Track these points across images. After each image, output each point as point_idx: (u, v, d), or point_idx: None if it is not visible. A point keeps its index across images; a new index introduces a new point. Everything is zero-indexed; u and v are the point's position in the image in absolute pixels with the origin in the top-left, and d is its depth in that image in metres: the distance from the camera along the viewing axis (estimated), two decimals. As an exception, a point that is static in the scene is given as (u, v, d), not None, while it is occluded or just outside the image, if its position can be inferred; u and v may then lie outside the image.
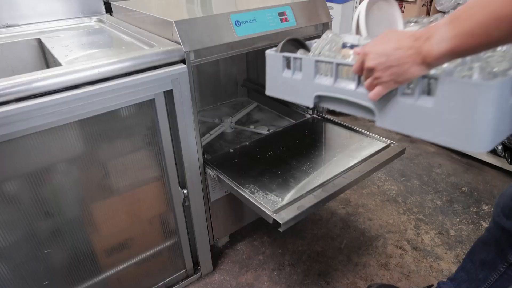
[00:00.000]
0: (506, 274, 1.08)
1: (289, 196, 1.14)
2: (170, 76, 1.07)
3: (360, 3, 2.47)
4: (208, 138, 1.64)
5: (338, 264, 1.57)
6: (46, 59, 1.43)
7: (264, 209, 1.09)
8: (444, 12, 2.29)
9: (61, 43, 1.28)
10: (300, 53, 0.93)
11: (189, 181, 1.26)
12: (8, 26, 1.49)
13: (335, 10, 2.45)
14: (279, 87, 1.00)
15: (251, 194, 1.16)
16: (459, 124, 0.64)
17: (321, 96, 0.90)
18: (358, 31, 1.09)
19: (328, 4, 1.49)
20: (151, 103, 1.08)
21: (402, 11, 2.31)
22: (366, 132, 1.47)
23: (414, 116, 0.70)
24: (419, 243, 1.66)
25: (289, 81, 0.96)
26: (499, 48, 0.72)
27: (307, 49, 1.06)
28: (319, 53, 0.94)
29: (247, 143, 1.46)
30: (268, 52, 1.01)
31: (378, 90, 0.69)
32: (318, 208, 1.80)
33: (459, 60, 0.69)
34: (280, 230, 1.04)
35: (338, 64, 0.82)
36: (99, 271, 1.21)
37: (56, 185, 1.01)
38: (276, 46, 1.06)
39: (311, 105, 0.93)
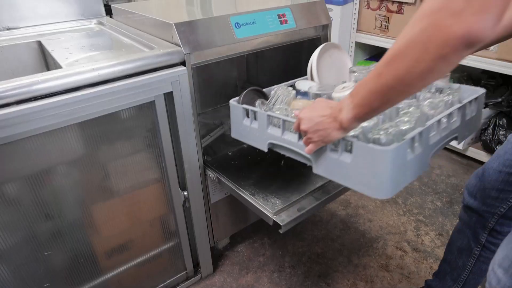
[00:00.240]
0: (482, 257, 1.10)
1: (289, 197, 1.15)
2: (170, 78, 1.07)
3: (359, 5, 2.48)
4: (208, 140, 1.64)
5: (338, 266, 1.57)
6: (47, 62, 1.43)
7: (264, 211, 1.09)
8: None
9: (62, 45, 1.28)
10: (259, 103, 1.06)
11: (189, 183, 1.26)
12: (8, 29, 1.49)
13: (335, 12, 2.46)
14: (241, 132, 1.14)
15: (251, 196, 1.16)
16: (368, 176, 0.81)
17: (273, 143, 1.03)
18: (312, 77, 1.26)
19: (328, 6, 1.49)
20: (151, 105, 1.09)
21: (402, 13, 2.32)
22: (366, 133, 1.47)
23: (339, 167, 0.86)
24: (419, 244, 1.66)
25: (248, 128, 1.09)
26: (406, 109, 0.90)
27: (266, 98, 1.18)
28: (274, 103, 1.09)
29: (246, 145, 1.46)
30: (231, 102, 1.14)
31: (311, 147, 0.86)
32: (318, 209, 1.80)
33: (375, 119, 0.86)
34: (281, 231, 1.04)
35: (284, 120, 0.97)
36: (99, 273, 1.21)
37: (57, 187, 1.01)
38: (275, 47, 1.20)
39: (265, 150, 1.06)
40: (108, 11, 1.69)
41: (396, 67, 0.58)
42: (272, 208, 1.09)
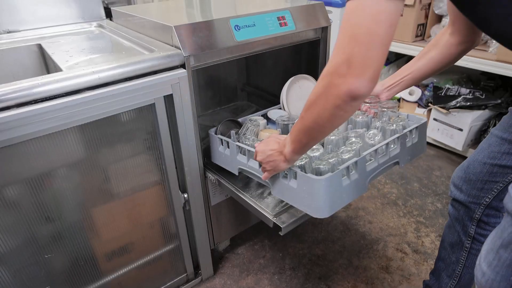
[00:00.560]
0: (473, 249, 1.12)
1: (289, 199, 1.14)
2: (170, 81, 1.08)
3: (359, 6, 2.48)
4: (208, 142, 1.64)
5: (339, 268, 1.57)
6: (47, 65, 1.44)
7: (264, 213, 1.09)
8: (441, 16, 2.30)
9: (62, 48, 1.28)
10: (233, 133, 1.20)
11: (189, 185, 1.26)
12: (8, 32, 1.49)
13: (334, 14, 2.46)
14: (218, 158, 1.30)
15: (251, 198, 1.16)
16: (309, 199, 0.96)
17: (241, 168, 1.18)
18: (283, 107, 1.46)
19: (327, 8, 1.49)
20: (151, 107, 1.09)
21: (401, 15, 2.32)
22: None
23: (288, 191, 1.01)
24: (420, 246, 1.66)
25: (223, 154, 1.25)
26: (351, 140, 1.07)
27: (240, 127, 1.35)
28: (244, 133, 1.25)
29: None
30: (210, 132, 1.32)
31: (265, 175, 1.01)
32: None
33: (321, 150, 1.03)
34: (281, 233, 1.04)
35: (248, 150, 1.13)
36: (100, 275, 1.21)
37: (57, 190, 1.01)
38: (275, 49, 1.27)
39: (236, 174, 1.21)
40: (108, 14, 1.69)
41: (311, 112, 0.75)
42: (272, 210, 1.09)
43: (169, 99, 1.11)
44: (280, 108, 1.48)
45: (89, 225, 1.12)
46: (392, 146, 1.11)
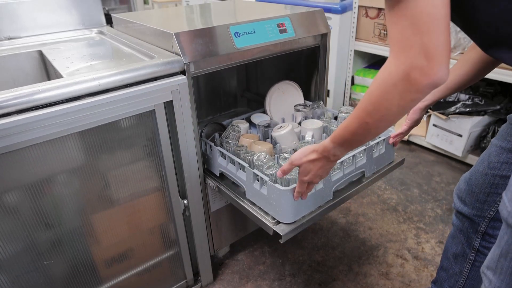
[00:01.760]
0: (477, 262, 1.10)
1: (289, 206, 1.14)
2: (170, 87, 1.08)
3: (357, 13, 2.50)
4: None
5: (339, 274, 1.56)
6: (47, 71, 1.44)
7: (264, 220, 1.09)
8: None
9: (62, 55, 1.29)
10: (216, 136, 1.29)
11: (189, 191, 1.26)
12: (9, 38, 1.50)
13: (334, 20, 2.48)
14: (205, 159, 1.36)
15: (251, 205, 1.16)
16: (276, 206, 1.06)
17: (221, 171, 1.27)
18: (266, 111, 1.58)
19: (327, 14, 1.51)
20: (151, 114, 1.09)
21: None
22: (365, 141, 1.48)
23: (260, 197, 1.11)
24: (420, 252, 1.66)
25: (206, 155, 1.33)
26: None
27: (224, 129, 1.43)
28: (227, 137, 1.31)
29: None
30: None
31: (310, 187, 0.99)
32: (319, 219, 1.80)
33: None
34: (281, 241, 1.04)
35: (227, 155, 1.21)
36: (99, 282, 1.20)
37: (57, 196, 1.01)
38: (274, 56, 1.30)
39: (217, 175, 1.29)
40: (109, 21, 1.70)
41: (377, 114, 0.71)
42: (272, 218, 1.09)
43: (169, 106, 1.11)
44: (264, 112, 1.56)
45: (88, 232, 1.11)
46: (359, 157, 1.18)
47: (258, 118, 1.51)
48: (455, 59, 2.05)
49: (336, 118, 1.46)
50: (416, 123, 1.12)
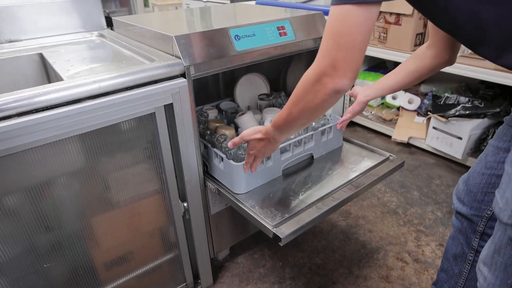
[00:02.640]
0: (476, 262, 1.11)
1: (289, 209, 1.14)
2: (171, 90, 1.08)
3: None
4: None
5: (339, 277, 1.56)
6: (48, 74, 1.44)
7: (264, 223, 1.09)
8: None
9: (63, 57, 1.29)
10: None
11: (189, 194, 1.26)
12: (10, 41, 1.50)
13: (333, 23, 2.47)
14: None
15: (251, 208, 1.16)
16: (231, 179, 1.24)
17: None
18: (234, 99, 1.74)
19: (327, 18, 1.51)
20: (151, 116, 1.09)
21: (400, 24, 2.34)
22: (365, 144, 1.48)
23: (218, 171, 1.30)
24: (420, 255, 1.66)
25: None
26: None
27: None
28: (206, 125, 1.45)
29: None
30: None
31: (258, 161, 1.18)
32: (319, 222, 1.80)
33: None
34: (281, 244, 1.04)
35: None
36: (99, 285, 1.20)
37: (57, 199, 1.01)
38: (274, 59, 1.32)
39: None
40: (109, 24, 1.70)
41: (299, 106, 0.86)
42: (272, 220, 1.09)
43: (169, 108, 1.11)
44: (233, 101, 1.73)
45: (88, 234, 1.11)
46: (307, 140, 1.37)
47: (226, 105, 1.68)
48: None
49: None
50: (357, 113, 1.30)
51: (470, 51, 1.53)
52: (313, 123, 1.38)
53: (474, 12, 0.72)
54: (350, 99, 2.84)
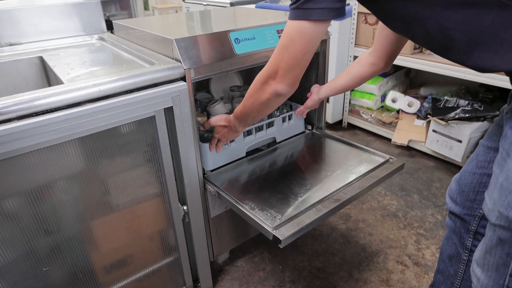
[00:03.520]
0: (470, 262, 1.11)
1: (289, 211, 1.14)
2: (171, 93, 1.08)
3: (357, 20, 2.51)
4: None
5: (339, 280, 1.55)
6: (48, 77, 1.45)
7: (264, 225, 1.09)
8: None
9: (63, 61, 1.29)
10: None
11: (189, 197, 1.26)
12: (11, 45, 1.51)
13: (333, 27, 2.49)
14: None
15: (250, 210, 1.16)
16: (203, 157, 1.34)
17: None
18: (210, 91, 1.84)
19: (326, 21, 1.51)
20: (151, 120, 1.09)
21: (399, 28, 2.34)
22: (365, 147, 1.48)
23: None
24: (420, 258, 1.65)
25: None
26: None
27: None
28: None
29: (246, 158, 1.46)
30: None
31: (221, 143, 1.35)
32: (318, 224, 1.80)
33: None
34: (280, 246, 1.03)
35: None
36: (98, 288, 1.20)
37: (56, 202, 1.01)
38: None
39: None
40: (109, 27, 1.71)
41: (250, 101, 1.01)
42: (272, 223, 1.09)
43: (169, 112, 1.11)
44: (208, 92, 1.86)
45: (88, 238, 1.11)
46: (269, 126, 1.52)
47: (201, 96, 1.80)
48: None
49: None
50: (309, 108, 1.46)
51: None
52: (276, 112, 1.57)
53: (440, 20, 0.74)
54: (350, 102, 2.85)
